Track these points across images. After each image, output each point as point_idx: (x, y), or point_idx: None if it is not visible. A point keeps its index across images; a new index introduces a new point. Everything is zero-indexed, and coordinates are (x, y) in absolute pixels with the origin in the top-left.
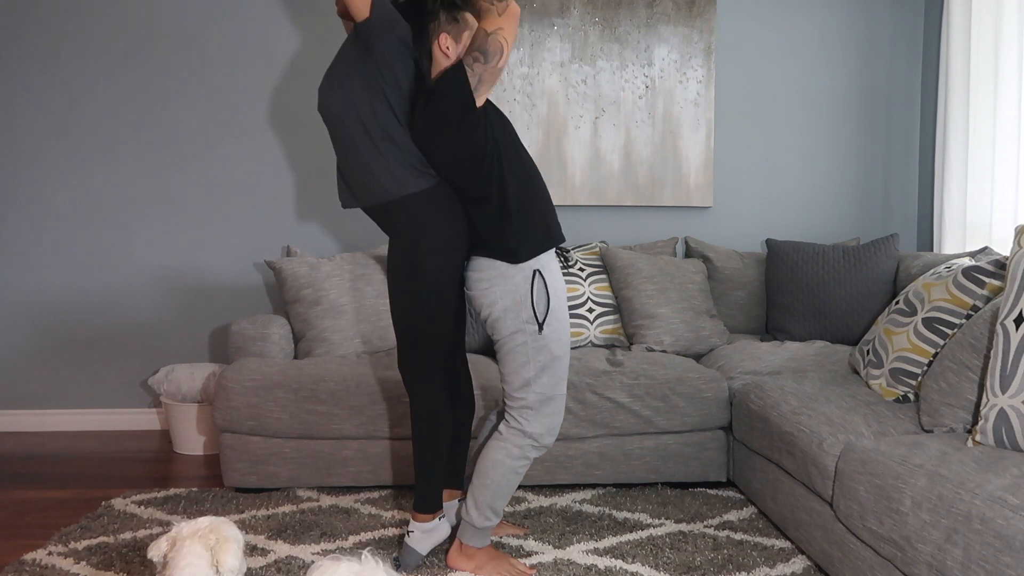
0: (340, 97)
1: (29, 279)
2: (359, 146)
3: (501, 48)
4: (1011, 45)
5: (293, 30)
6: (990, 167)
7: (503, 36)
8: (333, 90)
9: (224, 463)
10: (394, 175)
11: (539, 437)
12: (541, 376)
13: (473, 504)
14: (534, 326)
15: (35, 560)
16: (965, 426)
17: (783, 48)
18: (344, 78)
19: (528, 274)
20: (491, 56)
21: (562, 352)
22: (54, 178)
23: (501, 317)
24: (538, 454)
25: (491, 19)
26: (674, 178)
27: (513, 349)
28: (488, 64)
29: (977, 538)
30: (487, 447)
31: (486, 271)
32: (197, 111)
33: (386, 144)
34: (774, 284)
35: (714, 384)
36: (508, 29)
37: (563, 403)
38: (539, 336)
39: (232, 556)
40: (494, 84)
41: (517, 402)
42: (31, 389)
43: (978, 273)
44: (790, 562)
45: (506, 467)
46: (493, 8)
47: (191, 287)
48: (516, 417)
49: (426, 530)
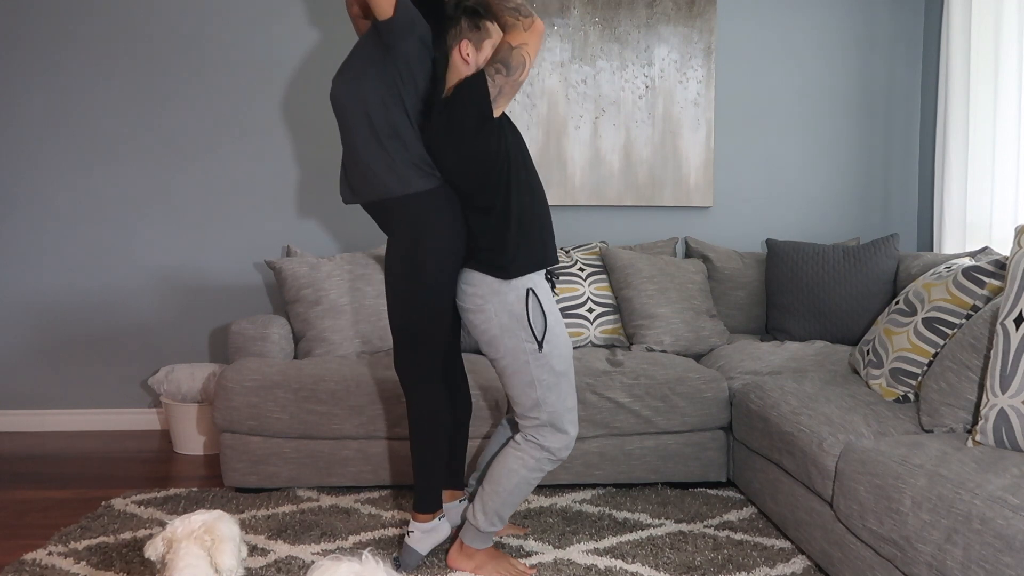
0: (352, 90)
1: (29, 279)
2: (362, 141)
3: (524, 62)
4: (1011, 45)
5: (294, 30)
6: (990, 167)
7: (527, 51)
8: (347, 83)
9: (224, 463)
10: (397, 173)
11: (557, 451)
12: (549, 395)
13: (481, 508)
14: (533, 345)
15: (35, 560)
16: (965, 426)
17: (783, 48)
18: (360, 71)
19: (521, 293)
20: (513, 69)
21: (564, 368)
22: (54, 178)
23: (499, 335)
24: (553, 467)
25: (516, 33)
26: (674, 178)
27: (516, 370)
28: (509, 77)
29: (977, 538)
30: (503, 454)
31: (479, 286)
32: (197, 111)
33: (393, 142)
34: (774, 284)
35: (714, 384)
36: (532, 45)
37: (575, 415)
38: (540, 355)
39: (229, 556)
40: (512, 97)
41: (531, 421)
42: (31, 389)
43: (978, 273)
44: (790, 562)
45: (520, 476)
46: (519, 23)
47: (191, 287)
48: (533, 434)
49: (426, 530)
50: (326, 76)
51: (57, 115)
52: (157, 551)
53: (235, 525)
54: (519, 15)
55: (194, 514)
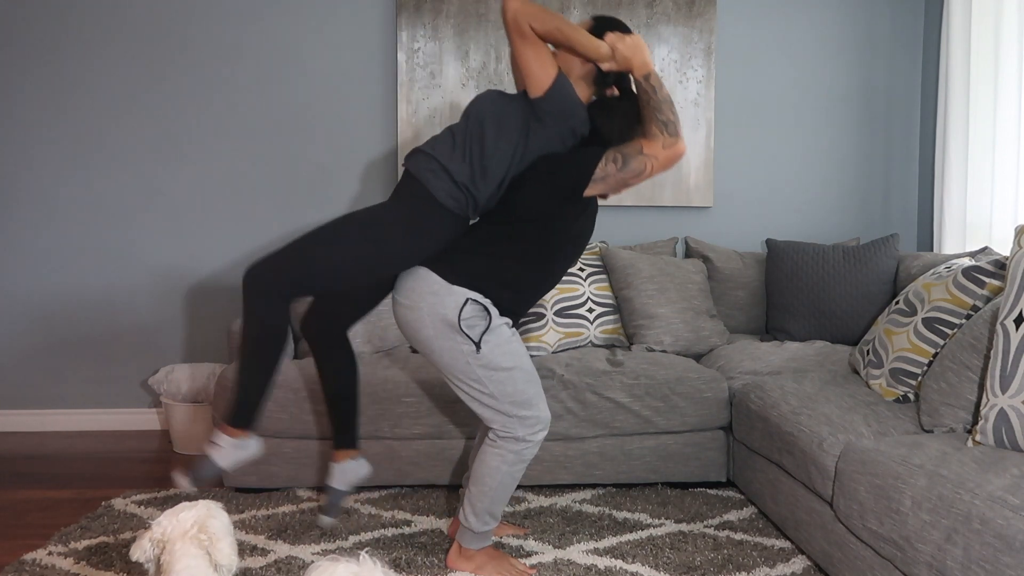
0: (492, 110)
1: (29, 279)
2: (461, 134)
3: (641, 171)
4: (1011, 45)
5: (294, 31)
6: (990, 167)
7: (651, 164)
8: (502, 96)
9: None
10: (443, 178)
11: (531, 436)
12: (504, 387)
13: (471, 510)
14: (471, 346)
15: (35, 560)
16: (965, 426)
17: (783, 48)
18: (515, 99)
19: (460, 300)
20: (628, 170)
21: (513, 363)
22: (54, 178)
23: (432, 336)
24: (534, 453)
25: (653, 144)
26: (674, 178)
27: (460, 370)
28: (620, 173)
29: (977, 538)
30: (482, 452)
31: (419, 281)
32: (197, 111)
33: (472, 159)
34: (774, 284)
35: (714, 384)
36: (660, 163)
37: (541, 399)
38: (479, 355)
39: (228, 552)
40: (610, 192)
41: (497, 417)
42: (31, 389)
43: (978, 273)
44: (790, 562)
45: (503, 472)
46: (661, 138)
47: (191, 287)
48: (503, 429)
49: (236, 445)
50: (327, 76)
51: (57, 115)
52: (146, 553)
53: (225, 516)
54: (666, 130)
55: (181, 510)
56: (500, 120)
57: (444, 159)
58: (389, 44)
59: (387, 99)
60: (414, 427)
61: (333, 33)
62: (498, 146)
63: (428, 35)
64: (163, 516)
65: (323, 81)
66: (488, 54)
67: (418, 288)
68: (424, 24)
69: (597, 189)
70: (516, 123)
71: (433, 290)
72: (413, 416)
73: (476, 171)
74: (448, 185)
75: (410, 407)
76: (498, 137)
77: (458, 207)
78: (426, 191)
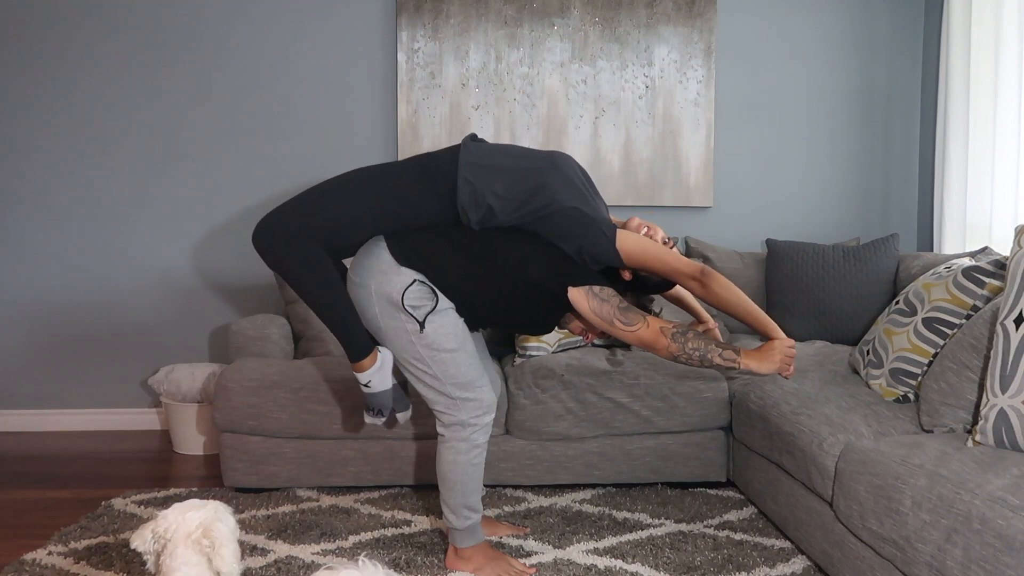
0: (569, 206)
1: (29, 279)
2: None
3: (628, 335)
4: (1011, 45)
5: (294, 31)
6: (990, 167)
7: (633, 333)
8: (574, 199)
9: (224, 463)
10: (441, 191)
11: (475, 419)
12: (446, 368)
13: (448, 509)
14: (415, 325)
15: (35, 560)
16: (965, 426)
17: (783, 48)
18: (585, 202)
19: (406, 280)
20: (623, 320)
21: (456, 345)
22: (54, 178)
23: (378, 315)
24: (487, 436)
25: (648, 325)
26: (674, 178)
27: (404, 348)
28: (613, 319)
29: (977, 538)
30: (438, 453)
31: (371, 259)
32: (197, 111)
33: (529, 203)
34: (774, 284)
35: (714, 384)
36: (643, 339)
37: (485, 383)
38: (423, 335)
39: (231, 561)
40: (593, 329)
41: (440, 400)
42: (31, 389)
43: (978, 273)
44: (790, 562)
45: (460, 464)
46: (668, 329)
47: (191, 287)
48: (447, 416)
49: (377, 369)
50: (327, 76)
51: (57, 115)
52: (146, 544)
53: (232, 520)
54: (673, 340)
55: (189, 509)
56: (566, 216)
57: (497, 195)
58: (389, 44)
59: (387, 99)
60: (414, 427)
61: (333, 33)
62: (538, 220)
63: (428, 35)
64: (171, 510)
65: (323, 81)
66: (488, 54)
67: (368, 265)
68: (424, 24)
69: (577, 300)
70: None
71: (382, 268)
72: (412, 416)
73: (505, 213)
74: (474, 206)
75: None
76: (548, 218)
77: (463, 217)
78: (451, 189)
